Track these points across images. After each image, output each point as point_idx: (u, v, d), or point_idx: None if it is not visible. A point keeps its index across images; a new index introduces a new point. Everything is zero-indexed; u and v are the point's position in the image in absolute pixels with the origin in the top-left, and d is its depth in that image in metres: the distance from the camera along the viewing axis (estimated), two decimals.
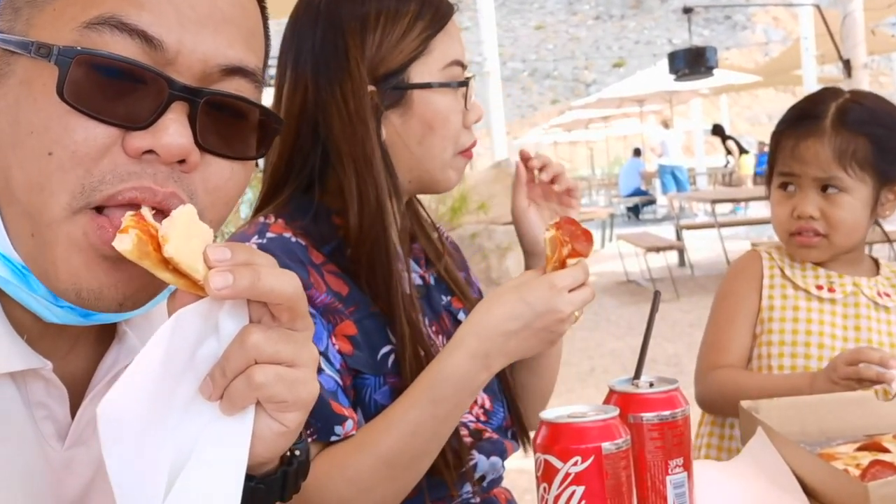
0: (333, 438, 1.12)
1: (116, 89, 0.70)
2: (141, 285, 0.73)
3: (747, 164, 19.92)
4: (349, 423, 1.14)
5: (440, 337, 1.32)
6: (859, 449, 1.20)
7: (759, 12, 56.47)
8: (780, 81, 22.77)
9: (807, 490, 1.10)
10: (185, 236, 0.63)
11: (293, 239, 1.21)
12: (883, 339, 1.69)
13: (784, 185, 1.71)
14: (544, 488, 0.87)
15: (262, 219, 1.25)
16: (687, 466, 0.97)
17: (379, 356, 1.21)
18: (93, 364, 0.83)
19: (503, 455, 1.30)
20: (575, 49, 59.94)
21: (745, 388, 1.55)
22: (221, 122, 0.75)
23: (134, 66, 0.70)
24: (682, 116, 26.71)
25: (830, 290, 1.72)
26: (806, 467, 1.11)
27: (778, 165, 1.73)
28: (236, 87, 0.76)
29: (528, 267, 1.40)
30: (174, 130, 0.71)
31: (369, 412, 1.18)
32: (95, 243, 0.70)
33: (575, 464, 0.85)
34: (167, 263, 0.64)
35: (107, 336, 0.84)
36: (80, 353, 0.83)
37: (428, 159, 1.28)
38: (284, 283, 0.67)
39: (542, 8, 64.46)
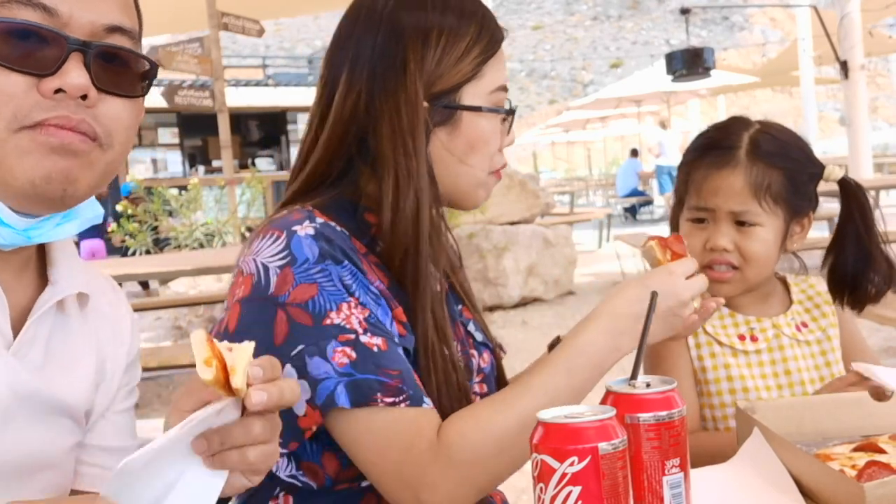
0: (424, 407, 1.16)
1: (28, 47, 0.94)
2: (77, 176, 0.97)
3: None
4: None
5: (457, 342, 1.32)
6: (856, 449, 1.20)
7: (757, 13, 56.53)
8: (777, 82, 22.80)
9: (803, 490, 1.10)
10: (244, 368, 0.84)
11: (338, 228, 1.23)
12: (812, 375, 1.66)
13: (697, 219, 1.66)
14: (541, 488, 0.87)
15: (298, 206, 1.26)
16: (684, 467, 0.97)
17: (412, 349, 1.24)
18: (31, 298, 1.05)
19: None
20: (572, 49, 59.97)
21: (714, 450, 1.41)
22: (110, 68, 0.99)
23: (39, 27, 0.94)
24: (680, 117, 26.72)
25: (753, 338, 1.67)
26: (802, 468, 1.11)
27: (690, 199, 1.67)
28: (118, 41, 1.00)
29: None
30: (75, 74, 0.95)
31: None
32: (41, 141, 0.94)
33: (571, 464, 0.85)
34: (228, 386, 0.84)
35: (43, 281, 1.07)
36: (23, 286, 1.04)
37: (464, 177, 1.31)
38: (296, 395, 0.90)
39: (539, 8, 64.48)
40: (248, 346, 0.86)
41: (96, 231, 12.00)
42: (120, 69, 1.01)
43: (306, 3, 11.59)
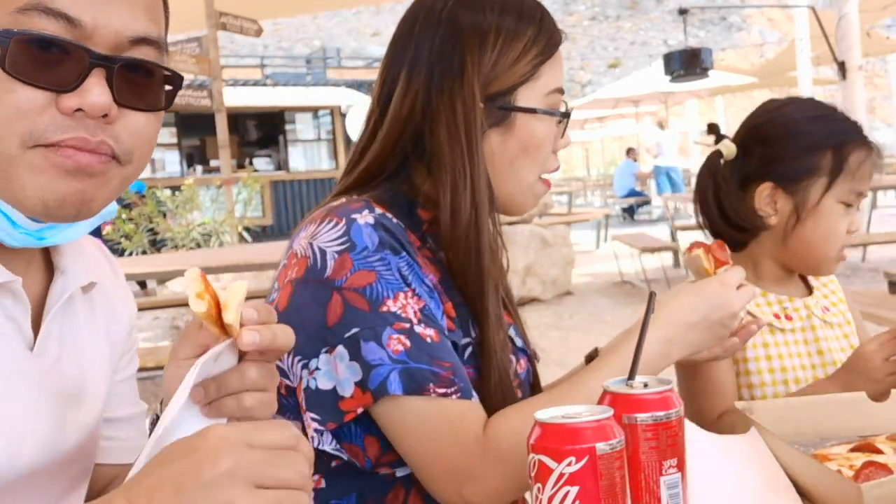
0: (473, 400, 1.17)
1: (47, 60, 0.88)
2: (92, 196, 0.93)
3: None
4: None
5: None
6: (853, 450, 1.20)
7: (755, 13, 56.56)
8: (775, 83, 22.79)
9: (800, 491, 1.10)
10: (236, 306, 0.84)
11: (394, 220, 1.24)
12: (842, 357, 1.67)
13: (847, 203, 1.67)
14: (538, 489, 0.87)
15: (355, 196, 1.29)
16: (681, 467, 0.97)
17: (460, 344, 1.25)
18: (41, 290, 1.03)
19: None
20: (570, 49, 60.01)
21: None
22: (133, 82, 0.93)
23: (59, 41, 0.88)
24: (678, 117, 26.73)
25: (788, 318, 1.70)
26: (800, 468, 1.11)
27: (846, 182, 1.65)
28: (143, 53, 0.94)
29: None
30: (97, 91, 0.89)
31: None
32: (56, 161, 0.89)
33: (569, 464, 0.85)
34: (221, 322, 0.84)
35: (48, 270, 1.05)
36: (32, 279, 1.02)
37: (514, 181, 1.31)
38: (290, 340, 0.88)
39: None
40: (242, 286, 0.85)
41: (94, 230, 12.01)
42: (144, 82, 0.95)
43: (304, 3, 11.59)
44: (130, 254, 10.09)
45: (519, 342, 1.41)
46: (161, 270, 5.93)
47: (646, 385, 0.99)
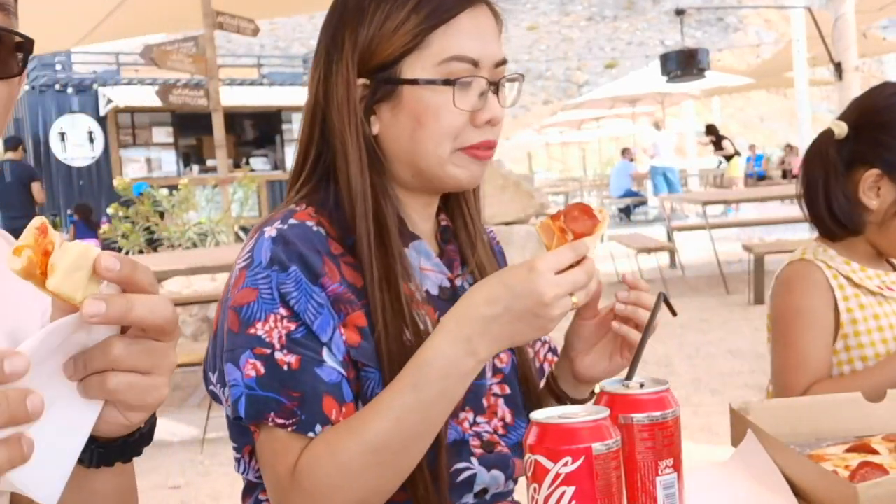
0: (311, 435, 1.12)
1: None
2: None
3: (738, 166, 19.97)
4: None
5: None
6: (849, 450, 1.20)
7: (751, 14, 56.60)
8: (772, 83, 22.84)
9: (796, 491, 1.10)
10: (72, 269, 0.69)
11: (314, 228, 1.21)
12: None
13: None
14: (534, 489, 0.87)
15: (292, 205, 1.26)
16: (677, 467, 0.97)
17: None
18: None
19: (508, 471, 1.26)
20: (567, 50, 59.98)
21: (859, 387, 1.44)
22: None
23: None
24: (675, 118, 26.75)
25: (889, 288, 1.74)
26: (796, 469, 1.11)
27: None
28: None
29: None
30: None
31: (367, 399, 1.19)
32: None
33: (565, 464, 0.85)
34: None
35: None
36: None
37: (421, 155, 1.24)
38: (156, 312, 0.74)
39: (534, 9, 64.49)
40: (84, 248, 0.71)
41: (91, 230, 12.02)
42: None
43: (301, 3, 11.56)
44: (127, 253, 10.07)
45: None
46: (158, 270, 5.91)
47: (642, 385, 0.99)
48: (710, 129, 20.46)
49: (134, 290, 0.73)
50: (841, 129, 1.75)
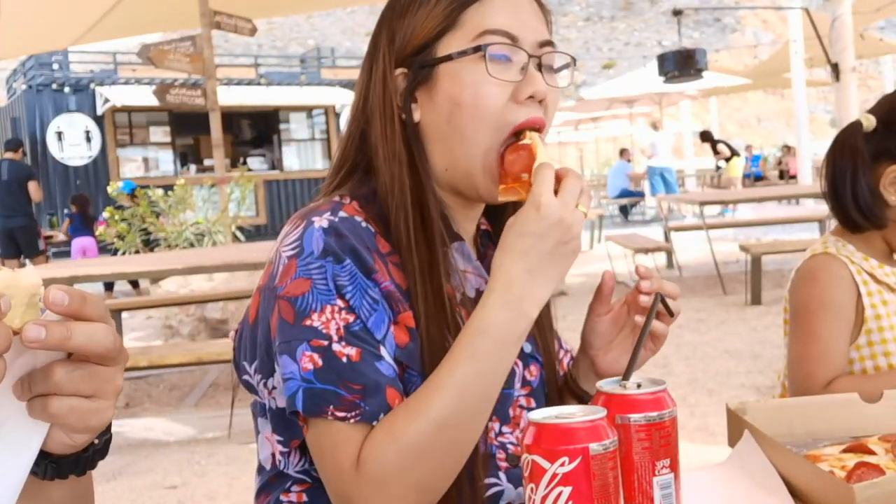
0: (374, 424, 1.10)
1: None
2: None
3: (736, 167, 19.99)
4: None
5: None
6: (845, 451, 1.21)
7: (749, 15, 56.63)
8: (769, 84, 22.85)
9: (793, 492, 1.10)
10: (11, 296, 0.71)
11: (363, 224, 1.19)
12: None
13: None
14: (531, 489, 0.87)
15: (337, 197, 1.23)
16: (674, 468, 0.97)
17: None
18: None
19: None
20: (565, 50, 59.80)
21: (882, 387, 1.43)
22: None
23: None
24: (672, 118, 26.76)
25: None
26: (792, 469, 1.11)
27: None
28: None
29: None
30: None
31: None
32: None
33: (562, 464, 0.85)
34: None
35: None
36: None
37: (461, 141, 1.18)
38: (95, 340, 0.74)
39: None
40: (28, 278, 0.73)
41: (88, 230, 12.01)
42: None
43: (299, 3, 11.55)
44: (124, 253, 10.07)
45: (528, 348, 1.33)
46: (154, 269, 5.91)
47: (639, 385, 0.99)
48: (705, 136, 20.47)
49: (94, 354, 0.75)
50: (869, 122, 1.76)
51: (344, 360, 1.10)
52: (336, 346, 1.10)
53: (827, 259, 1.77)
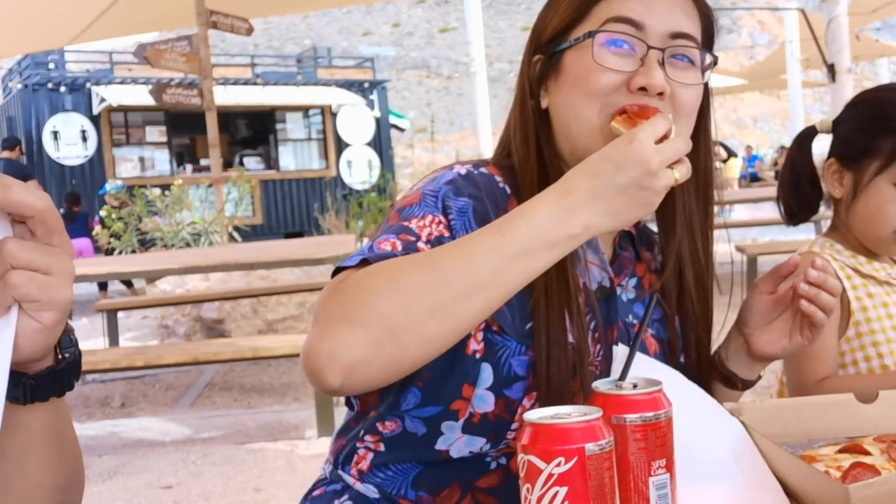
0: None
1: None
2: None
3: (733, 168, 20.03)
4: None
5: (598, 346, 1.25)
6: (841, 451, 1.21)
7: (745, 16, 56.72)
8: (765, 85, 22.89)
9: (788, 492, 1.10)
10: None
11: (501, 184, 1.23)
12: None
13: None
14: (527, 489, 0.87)
15: (484, 159, 1.30)
16: (670, 468, 0.97)
17: (527, 327, 1.17)
18: None
19: None
20: None
21: (875, 388, 1.43)
22: None
23: None
24: None
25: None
26: (788, 469, 1.11)
27: None
28: None
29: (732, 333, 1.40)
30: None
31: (501, 375, 1.16)
32: None
33: (558, 465, 0.85)
34: None
35: None
36: None
37: (574, 121, 1.20)
38: (34, 198, 0.79)
39: (528, 9, 64.52)
40: None
41: (84, 230, 11.99)
42: None
43: (295, 2, 11.55)
44: (120, 252, 10.06)
45: (653, 330, 1.34)
46: (150, 269, 5.91)
47: (635, 386, 0.99)
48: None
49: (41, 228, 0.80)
50: (823, 125, 1.82)
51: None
52: (422, 244, 1.10)
53: (810, 257, 1.76)
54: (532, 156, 1.24)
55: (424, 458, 1.22)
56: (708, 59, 1.24)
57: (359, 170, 20.39)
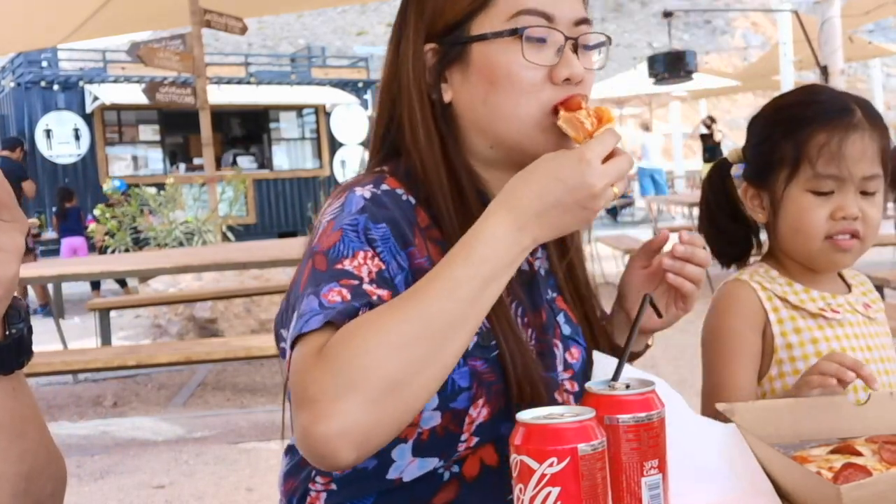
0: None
1: None
2: None
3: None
4: None
5: (529, 330, 1.25)
6: (833, 452, 1.21)
7: (739, 17, 56.81)
8: (758, 86, 22.93)
9: (780, 492, 1.10)
10: None
11: (404, 197, 1.19)
12: (890, 354, 1.60)
13: (818, 190, 1.55)
14: (520, 489, 0.87)
15: (378, 170, 1.24)
16: (662, 468, 0.97)
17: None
18: None
19: None
20: None
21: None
22: None
23: None
24: (662, 120, 26.81)
25: (834, 311, 1.59)
26: (780, 470, 1.11)
27: (812, 167, 1.54)
28: None
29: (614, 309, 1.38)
30: None
31: (446, 393, 1.13)
32: None
33: (551, 465, 0.85)
34: None
35: None
36: None
37: (498, 120, 1.17)
38: None
39: None
40: None
41: (78, 229, 11.96)
42: None
43: (289, 2, 11.54)
44: (114, 251, 10.03)
45: (567, 330, 1.31)
46: (143, 268, 5.89)
47: (628, 386, 1.00)
48: (706, 139, 20.41)
49: None
50: (734, 155, 1.71)
51: (374, 298, 1.05)
52: (367, 286, 1.07)
53: (734, 286, 1.63)
54: (439, 156, 1.20)
55: (379, 489, 1.19)
56: (601, 38, 1.26)
57: (352, 169, 20.36)
